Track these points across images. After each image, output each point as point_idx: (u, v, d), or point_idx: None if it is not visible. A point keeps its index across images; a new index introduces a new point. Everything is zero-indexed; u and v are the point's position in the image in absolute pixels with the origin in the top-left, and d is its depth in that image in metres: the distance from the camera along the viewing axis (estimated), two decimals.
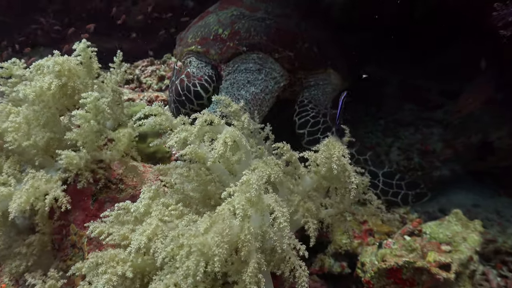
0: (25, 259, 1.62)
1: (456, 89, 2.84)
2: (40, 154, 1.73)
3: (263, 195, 1.22)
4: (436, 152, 2.61)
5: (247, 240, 1.13)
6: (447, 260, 1.60)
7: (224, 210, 1.15)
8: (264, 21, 2.44)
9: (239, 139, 1.37)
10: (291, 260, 1.24)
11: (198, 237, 1.08)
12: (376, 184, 2.28)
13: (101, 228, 1.40)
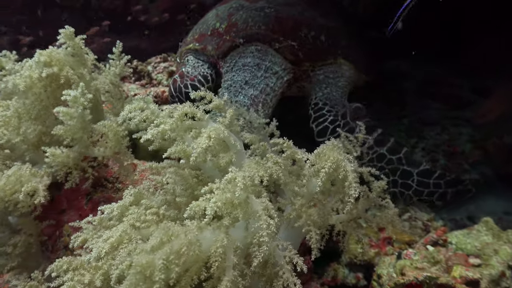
0: (10, 259, 1.52)
1: (489, 85, 2.61)
2: (31, 150, 1.63)
3: (252, 198, 1.06)
4: (465, 153, 2.39)
5: (217, 255, 0.97)
6: (475, 276, 1.41)
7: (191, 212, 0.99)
8: (263, 10, 2.24)
9: (227, 137, 1.21)
10: (285, 276, 1.07)
11: (144, 256, 0.92)
12: (410, 185, 2.08)
13: (84, 236, 1.27)
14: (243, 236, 1.07)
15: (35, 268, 1.58)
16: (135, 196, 1.26)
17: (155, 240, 0.96)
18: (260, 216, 1.02)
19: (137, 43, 4.87)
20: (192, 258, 0.98)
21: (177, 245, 0.95)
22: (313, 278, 1.87)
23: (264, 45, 2.17)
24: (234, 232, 1.06)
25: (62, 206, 1.77)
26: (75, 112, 1.48)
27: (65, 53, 1.63)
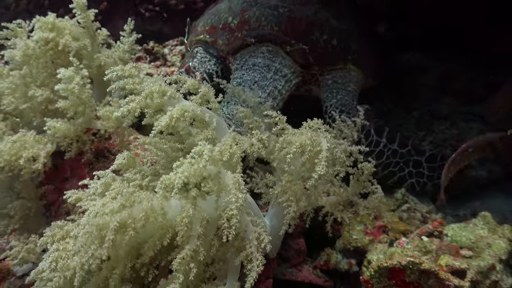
0: (10, 221, 1.60)
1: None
2: (38, 117, 1.70)
3: (224, 172, 1.08)
4: None
5: (183, 224, 0.99)
6: (462, 266, 1.39)
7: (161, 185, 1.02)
8: (277, 9, 2.19)
9: (200, 114, 1.24)
10: (250, 250, 1.10)
11: (101, 218, 0.97)
12: (422, 173, 2.16)
13: (78, 195, 1.32)
14: (213, 208, 1.09)
15: (36, 231, 1.66)
16: (127, 159, 1.30)
17: (116, 204, 1.00)
18: (230, 190, 1.04)
19: (159, 27, 4.93)
20: (155, 225, 1.01)
21: (137, 210, 0.98)
22: (306, 261, 1.89)
23: (276, 47, 2.14)
24: (205, 205, 1.08)
25: (66, 174, 1.84)
26: (74, 89, 1.53)
27: (71, 23, 1.69)
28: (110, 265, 1.08)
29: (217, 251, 1.15)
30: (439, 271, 1.29)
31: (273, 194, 1.34)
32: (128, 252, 1.06)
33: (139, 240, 1.05)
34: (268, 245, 1.13)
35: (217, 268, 1.20)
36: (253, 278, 1.08)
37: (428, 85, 2.77)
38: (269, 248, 1.38)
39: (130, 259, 1.08)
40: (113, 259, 1.07)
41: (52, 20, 1.69)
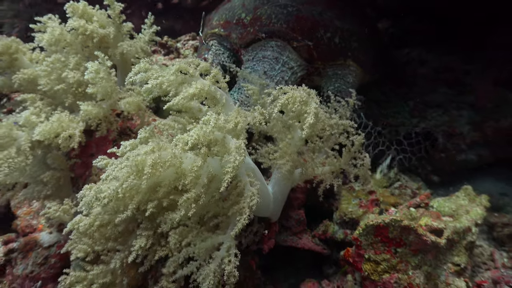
0: (44, 188, 1.83)
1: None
2: (70, 98, 1.93)
3: (228, 137, 1.30)
4: (463, 134, 2.53)
5: (193, 171, 1.21)
6: (439, 225, 1.59)
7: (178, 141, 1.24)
8: (286, 8, 2.41)
9: (213, 91, 1.45)
10: (243, 204, 1.31)
11: (140, 156, 1.19)
12: (405, 149, 2.41)
13: (107, 160, 1.55)
14: (219, 167, 1.31)
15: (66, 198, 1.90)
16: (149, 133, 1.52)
17: (149, 147, 1.23)
18: (231, 151, 1.26)
19: (172, 24, 5.15)
20: (173, 171, 1.24)
21: (164, 154, 1.21)
22: (306, 231, 2.09)
23: (284, 42, 2.35)
24: (212, 162, 1.30)
25: (92, 150, 2.06)
26: (101, 78, 1.76)
27: (100, 12, 1.92)
28: (131, 195, 1.31)
29: (222, 207, 1.38)
30: (418, 228, 1.49)
31: (273, 160, 1.55)
32: (149, 187, 1.28)
33: (159, 180, 1.28)
34: (255, 202, 1.33)
35: (221, 221, 1.41)
36: (238, 228, 1.29)
37: (425, 76, 2.95)
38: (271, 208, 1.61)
39: (149, 193, 1.31)
40: (134, 191, 1.29)
41: (83, 7, 1.93)
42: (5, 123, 1.74)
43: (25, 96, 1.84)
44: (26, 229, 2.58)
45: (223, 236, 1.43)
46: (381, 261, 1.54)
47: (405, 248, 1.53)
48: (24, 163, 1.76)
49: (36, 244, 2.46)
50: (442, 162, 2.53)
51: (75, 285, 1.44)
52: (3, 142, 1.72)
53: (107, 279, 1.47)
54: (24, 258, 2.45)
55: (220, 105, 1.56)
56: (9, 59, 1.91)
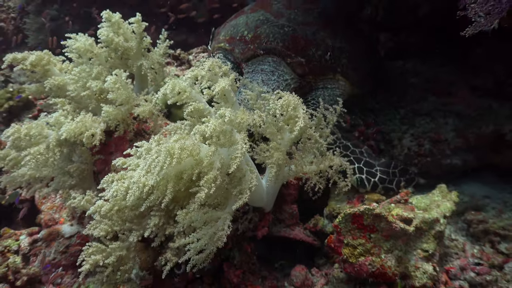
0: (70, 178, 2.11)
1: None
2: (93, 103, 2.22)
3: (235, 131, 1.58)
4: (448, 140, 2.74)
5: (209, 155, 1.48)
6: (409, 215, 1.82)
7: (196, 131, 1.52)
8: (283, 28, 2.70)
9: (228, 91, 1.72)
10: (244, 186, 1.58)
11: (170, 143, 1.48)
12: (374, 173, 2.39)
13: (123, 160, 1.83)
14: (227, 155, 1.59)
15: (88, 189, 2.18)
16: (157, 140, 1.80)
17: (175, 137, 1.52)
18: (238, 141, 1.53)
19: (185, 37, 5.47)
20: (192, 160, 1.52)
21: (188, 142, 1.50)
22: (299, 224, 2.34)
23: (279, 58, 2.67)
24: (221, 151, 1.58)
25: (111, 149, 2.35)
26: (119, 87, 2.08)
27: (127, 27, 2.30)
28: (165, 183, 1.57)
29: (225, 189, 1.65)
30: (388, 215, 1.73)
31: (265, 157, 1.81)
32: (175, 174, 1.56)
33: (182, 168, 1.55)
34: (254, 186, 1.59)
35: (220, 202, 1.69)
36: (239, 204, 1.57)
37: (415, 86, 3.18)
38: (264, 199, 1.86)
39: (176, 179, 1.57)
40: (166, 178, 1.56)
41: (118, 17, 2.28)
42: (37, 123, 2.05)
43: (56, 100, 2.15)
44: (49, 222, 2.87)
45: (222, 212, 1.70)
46: (358, 246, 1.78)
47: (377, 234, 1.76)
48: (52, 159, 2.05)
49: (59, 234, 2.76)
50: (428, 166, 2.74)
51: (95, 254, 1.70)
52: (34, 140, 2.01)
53: (123, 253, 1.74)
54: (47, 247, 2.74)
55: (230, 104, 1.84)
56: (42, 70, 2.22)
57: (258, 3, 3.11)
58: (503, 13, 1.44)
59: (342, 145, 2.44)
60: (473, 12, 1.51)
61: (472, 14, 1.52)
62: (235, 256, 2.05)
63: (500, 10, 1.42)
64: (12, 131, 2.01)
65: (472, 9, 1.51)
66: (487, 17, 1.47)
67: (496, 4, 1.42)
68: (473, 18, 1.53)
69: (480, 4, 1.47)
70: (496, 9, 1.43)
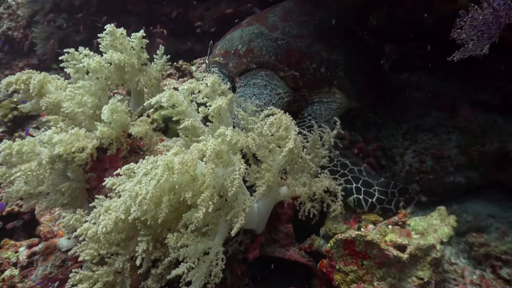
0: (62, 196, 2.11)
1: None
2: (87, 120, 2.22)
3: (230, 153, 1.55)
4: (451, 157, 2.67)
5: (207, 174, 1.46)
6: (403, 242, 1.76)
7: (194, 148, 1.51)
8: (276, 41, 2.66)
9: (224, 111, 1.70)
10: (238, 209, 1.54)
11: (169, 157, 1.46)
12: (372, 193, 2.28)
13: (113, 181, 1.81)
14: (221, 175, 1.56)
15: (80, 208, 2.17)
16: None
17: (174, 150, 1.52)
18: (235, 162, 1.51)
19: (192, 46, 5.48)
20: (188, 175, 1.50)
21: (187, 156, 1.48)
22: (294, 244, 2.29)
23: (272, 72, 2.63)
24: (217, 170, 1.56)
25: (106, 165, 2.34)
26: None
27: (127, 42, 2.32)
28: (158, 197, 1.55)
29: (214, 213, 1.62)
30: (380, 243, 1.67)
31: (255, 179, 1.77)
32: (169, 188, 1.54)
33: (176, 183, 1.53)
34: (248, 208, 1.56)
35: (210, 228, 1.65)
36: (237, 228, 1.52)
37: (419, 100, 3.11)
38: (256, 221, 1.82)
39: (170, 193, 1.56)
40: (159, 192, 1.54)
41: (120, 32, 2.32)
42: (29, 140, 2.04)
43: (49, 117, 2.14)
44: (48, 235, 2.87)
45: (212, 242, 1.66)
46: (349, 272, 1.73)
47: (370, 261, 1.71)
48: (42, 176, 2.04)
49: (56, 248, 2.75)
50: (430, 183, 2.67)
51: (82, 283, 1.69)
52: (26, 157, 2.01)
53: (110, 278, 1.71)
54: (44, 260, 2.74)
55: (225, 123, 1.81)
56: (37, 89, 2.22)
57: (255, 17, 3.08)
58: (493, 39, 1.38)
59: (340, 163, 2.35)
60: (463, 37, 1.46)
61: (462, 39, 1.47)
62: (226, 277, 2.02)
63: (490, 36, 1.37)
64: (3, 147, 2.00)
65: (461, 34, 1.46)
66: (476, 43, 1.42)
67: (485, 30, 1.37)
68: (464, 42, 1.48)
69: (467, 31, 1.42)
70: (485, 35, 1.37)
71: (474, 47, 1.45)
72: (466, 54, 1.51)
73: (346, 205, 2.29)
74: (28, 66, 5.73)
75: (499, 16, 1.33)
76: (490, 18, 1.35)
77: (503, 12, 1.33)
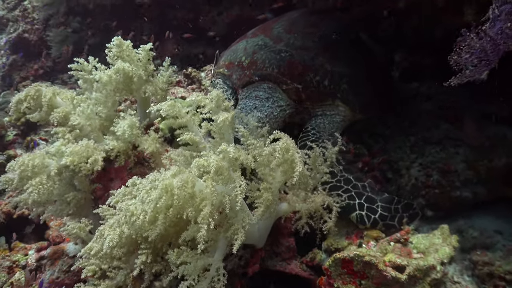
0: (67, 207, 2.15)
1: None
2: (95, 132, 2.26)
3: (231, 170, 1.58)
4: (458, 172, 2.64)
5: (207, 192, 1.49)
6: (402, 262, 1.76)
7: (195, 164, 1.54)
8: (279, 54, 2.66)
9: (226, 128, 1.74)
10: (237, 226, 1.56)
11: (168, 179, 1.48)
12: (375, 210, 2.25)
13: (116, 199, 1.84)
14: (221, 192, 1.59)
15: (86, 217, 2.21)
16: None
17: (173, 171, 1.55)
18: (236, 180, 1.54)
19: (203, 50, 5.50)
20: (187, 192, 1.53)
21: (185, 176, 1.51)
22: (296, 257, 2.29)
23: (274, 84, 2.63)
24: (217, 187, 1.58)
25: (111, 176, 2.38)
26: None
27: (135, 54, 2.37)
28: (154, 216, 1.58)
29: (211, 233, 1.64)
30: (378, 263, 1.67)
31: (254, 196, 1.78)
32: (166, 206, 1.56)
33: (175, 201, 1.55)
34: (247, 226, 1.57)
35: (209, 245, 1.67)
36: (238, 244, 1.55)
37: (428, 112, 3.08)
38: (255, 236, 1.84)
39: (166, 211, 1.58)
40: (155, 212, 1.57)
41: (127, 45, 2.36)
42: (39, 153, 2.09)
43: (56, 129, 2.19)
44: (56, 239, 2.93)
45: (212, 258, 1.69)
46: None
47: (368, 281, 1.71)
48: (52, 188, 2.08)
49: (63, 253, 2.81)
50: (436, 197, 2.64)
51: None
52: (37, 170, 2.05)
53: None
54: (52, 265, 2.80)
55: (226, 140, 1.84)
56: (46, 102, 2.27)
57: (260, 28, 3.09)
58: (492, 65, 1.37)
59: (344, 178, 2.32)
60: (463, 61, 1.45)
61: (462, 64, 1.46)
62: None
63: (488, 63, 1.35)
64: (18, 165, 2.03)
65: (458, 60, 1.45)
66: (474, 69, 1.41)
67: (483, 57, 1.35)
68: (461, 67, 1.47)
69: (465, 57, 1.41)
70: (483, 62, 1.36)
71: (471, 73, 1.44)
72: (463, 79, 1.50)
73: (349, 220, 2.30)
74: (42, 68, 5.85)
75: (497, 44, 1.32)
76: (487, 46, 1.33)
77: (501, 41, 1.31)
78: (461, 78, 1.51)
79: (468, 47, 1.41)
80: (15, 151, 4.07)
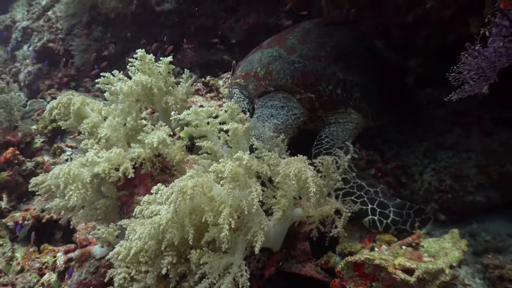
0: (96, 212, 2.30)
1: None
2: (121, 141, 2.40)
3: (247, 176, 1.69)
4: (470, 177, 2.69)
5: (224, 195, 1.61)
6: (412, 266, 1.83)
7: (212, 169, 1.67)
8: (293, 64, 2.77)
9: (241, 138, 1.85)
10: (256, 229, 1.68)
11: (182, 182, 1.62)
12: (387, 215, 2.30)
13: (141, 207, 1.97)
14: (238, 196, 1.70)
15: (113, 222, 2.35)
16: None
17: (190, 173, 1.69)
18: (251, 185, 1.66)
19: (222, 56, 5.63)
20: (204, 197, 1.66)
21: (201, 179, 1.63)
22: (311, 260, 2.39)
23: (289, 94, 2.75)
24: (234, 191, 1.70)
25: (136, 182, 2.52)
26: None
27: (158, 70, 2.51)
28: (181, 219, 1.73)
29: (231, 233, 1.76)
30: (388, 266, 1.75)
31: (270, 203, 1.89)
32: (190, 211, 1.71)
33: (194, 205, 1.69)
34: (266, 227, 1.69)
35: (229, 247, 1.79)
36: (259, 245, 1.68)
37: (442, 118, 3.13)
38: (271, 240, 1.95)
39: (190, 215, 1.73)
40: (181, 215, 1.71)
41: (150, 58, 2.52)
42: (74, 163, 2.23)
43: (86, 141, 2.35)
44: (83, 242, 3.10)
45: (234, 258, 1.81)
46: None
47: (378, 283, 1.79)
48: (85, 194, 2.23)
49: (90, 255, 2.97)
50: (449, 202, 2.70)
51: None
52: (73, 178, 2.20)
53: None
54: (80, 267, 2.96)
55: (241, 149, 1.95)
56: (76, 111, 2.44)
57: (275, 39, 3.20)
58: (491, 80, 1.44)
59: (357, 185, 2.40)
60: (462, 77, 1.52)
61: (464, 78, 1.53)
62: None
63: (487, 78, 1.42)
64: (63, 173, 2.13)
65: (457, 77, 1.52)
66: (473, 85, 1.48)
67: (481, 73, 1.43)
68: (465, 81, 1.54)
69: (463, 73, 1.48)
70: (481, 78, 1.43)
71: (471, 89, 1.50)
72: (464, 94, 1.57)
73: (362, 224, 2.38)
74: (66, 76, 6.09)
75: (493, 62, 1.39)
76: (483, 64, 1.40)
77: (496, 59, 1.38)
78: (461, 93, 1.58)
79: (464, 65, 1.48)
80: (43, 158, 4.28)
